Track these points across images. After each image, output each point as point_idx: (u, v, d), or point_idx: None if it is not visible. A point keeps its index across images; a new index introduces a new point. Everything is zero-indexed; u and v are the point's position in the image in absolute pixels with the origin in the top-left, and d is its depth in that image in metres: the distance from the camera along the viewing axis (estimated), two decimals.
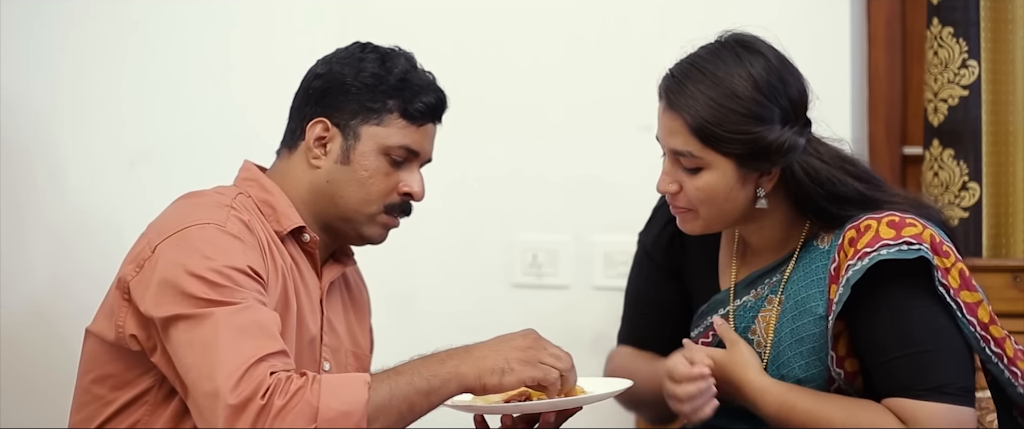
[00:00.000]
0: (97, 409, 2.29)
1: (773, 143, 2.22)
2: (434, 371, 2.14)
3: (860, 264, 2.21)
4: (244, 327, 2.11)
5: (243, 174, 2.42)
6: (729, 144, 2.22)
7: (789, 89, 2.26)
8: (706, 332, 2.43)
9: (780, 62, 2.27)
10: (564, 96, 3.48)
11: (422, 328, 3.40)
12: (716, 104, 2.21)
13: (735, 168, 2.24)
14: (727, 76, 2.23)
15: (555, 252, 3.51)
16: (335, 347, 2.43)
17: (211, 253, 2.17)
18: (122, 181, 3.06)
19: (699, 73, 2.24)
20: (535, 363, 2.17)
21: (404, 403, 2.12)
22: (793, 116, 2.25)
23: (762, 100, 2.22)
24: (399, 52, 2.40)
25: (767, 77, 2.23)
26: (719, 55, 2.26)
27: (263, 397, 2.04)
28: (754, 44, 2.28)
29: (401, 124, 2.36)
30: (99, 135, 3.03)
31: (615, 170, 3.44)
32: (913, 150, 3.39)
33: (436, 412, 2.21)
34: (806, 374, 2.29)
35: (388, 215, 2.39)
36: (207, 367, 2.08)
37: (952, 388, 2.20)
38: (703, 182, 2.26)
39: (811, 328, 2.29)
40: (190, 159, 3.14)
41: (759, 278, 2.37)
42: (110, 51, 3.06)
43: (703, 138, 2.23)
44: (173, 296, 2.15)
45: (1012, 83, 3.19)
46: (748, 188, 2.27)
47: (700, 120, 2.22)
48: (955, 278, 2.23)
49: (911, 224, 2.23)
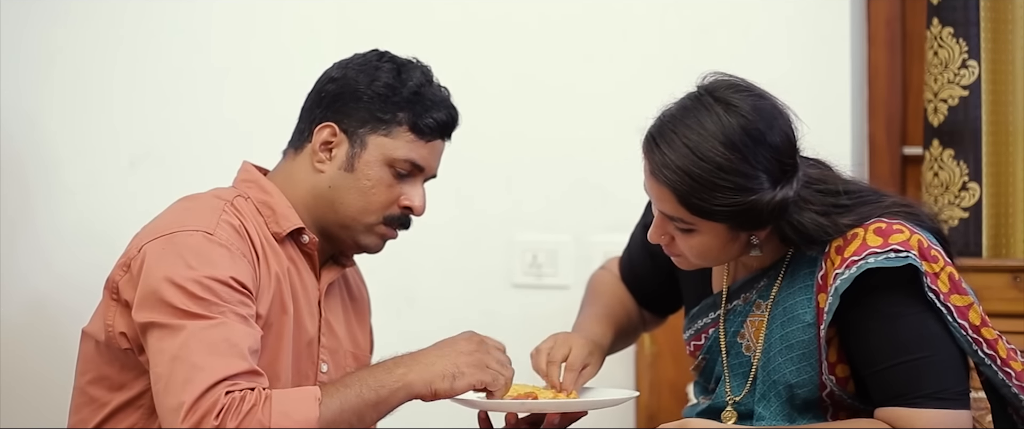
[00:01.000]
0: (93, 411, 2.30)
1: (764, 208, 2.18)
2: (381, 381, 2.17)
3: (848, 273, 2.20)
4: (213, 344, 2.12)
5: (242, 175, 2.42)
6: (719, 215, 2.19)
7: (774, 146, 2.18)
8: (698, 334, 2.43)
9: (759, 113, 2.18)
10: (564, 96, 3.48)
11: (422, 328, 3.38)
12: (702, 178, 2.15)
13: (727, 229, 2.22)
14: (709, 147, 2.15)
15: (555, 252, 3.51)
16: (333, 348, 2.43)
17: (194, 262, 2.18)
18: (121, 182, 3.07)
19: (680, 142, 2.17)
20: (483, 367, 2.21)
21: (354, 415, 2.15)
22: (780, 172, 2.20)
23: (747, 170, 2.16)
24: (416, 65, 2.39)
25: (747, 139, 2.16)
26: (698, 118, 2.18)
27: (216, 418, 2.06)
28: (730, 98, 2.19)
29: (409, 138, 2.36)
30: (98, 136, 3.03)
31: (615, 170, 3.43)
32: (913, 150, 3.39)
33: (439, 410, 2.22)
34: (797, 379, 2.29)
35: (386, 227, 2.39)
36: (172, 381, 2.10)
37: (947, 393, 2.20)
38: (696, 242, 2.24)
39: (800, 335, 2.28)
40: (189, 160, 3.15)
41: (748, 283, 2.37)
42: (110, 52, 3.06)
43: (693, 210, 2.19)
44: (152, 303, 2.16)
45: (1012, 83, 3.18)
46: (742, 238, 2.25)
47: (685, 194, 2.17)
48: (945, 282, 2.22)
49: (898, 231, 2.22)
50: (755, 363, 2.34)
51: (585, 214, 3.48)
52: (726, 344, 2.38)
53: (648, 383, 3.37)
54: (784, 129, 2.21)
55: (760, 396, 2.32)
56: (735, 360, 2.37)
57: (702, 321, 2.42)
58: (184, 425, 2.06)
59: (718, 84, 2.22)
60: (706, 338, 2.40)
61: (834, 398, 2.29)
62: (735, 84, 2.22)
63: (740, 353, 2.36)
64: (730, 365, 2.37)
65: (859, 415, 2.29)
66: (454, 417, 2.46)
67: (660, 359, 3.35)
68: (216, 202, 2.30)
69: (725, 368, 2.37)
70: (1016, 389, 2.25)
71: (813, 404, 2.30)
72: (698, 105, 2.20)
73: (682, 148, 2.17)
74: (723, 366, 2.38)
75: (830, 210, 2.24)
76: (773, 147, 2.18)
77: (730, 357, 2.37)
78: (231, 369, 2.10)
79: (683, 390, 3.31)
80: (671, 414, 3.37)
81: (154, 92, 3.13)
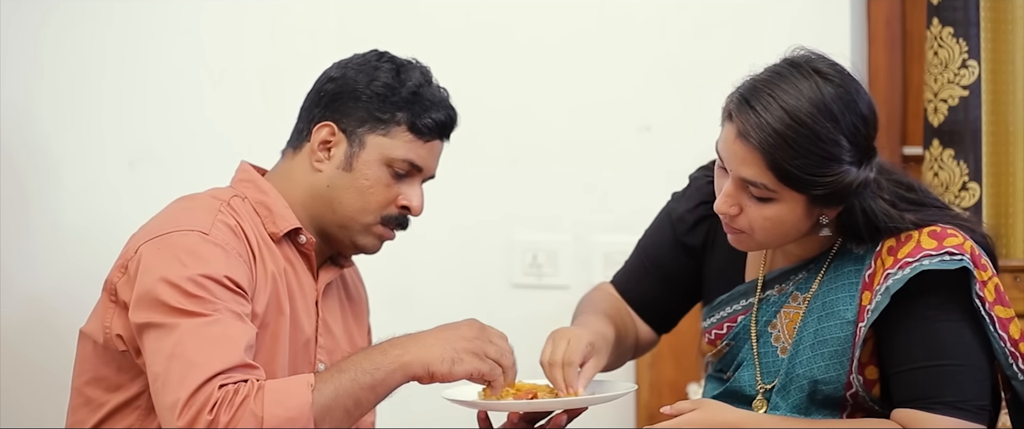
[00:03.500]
0: (90, 411, 2.30)
1: (850, 185, 2.16)
2: (377, 363, 2.16)
3: (901, 274, 2.19)
4: (209, 340, 2.12)
5: (240, 176, 2.42)
6: (808, 186, 2.15)
7: (863, 118, 2.17)
8: (720, 323, 2.41)
9: (852, 87, 2.18)
10: (564, 96, 3.48)
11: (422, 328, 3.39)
12: (796, 143, 2.12)
13: (807, 203, 2.19)
14: (807, 112, 2.12)
15: (555, 252, 3.51)
16: (331, 348, 2.43)
17: (189, 261, 2.17)
18: (121, 182, 3.06)
19: (776, 105, 2.13)
20: (482, 356, 2.19)
21: (350, 400, 2.14)
22: (866, 148, 2.18)
23: (840, 140, 2.13)
24: (415, 65, 2.39)
25: (843, 108, 2.14)
26: (795, 83, 2.15)
27: (210, 412, 2.06)
28: (822, 68, 2.17)
29: (408, 138, 2.36)
30: (98, 136, 3.03)
31: (615, 170, 3.44)
32: (913, 150, 3.39)
33: (438, 410, 2.21)
34: (824, 375, 2.28)
35: (384, 226, 2.39)
36: (169, 379, 2.10)
37: (967, 404, 2.19)
38: (772, 213, 2.20)
39: (836, 331, 2.27)
40: (189, 160, 3.14)
41: (787, 274, 2.35)
42: (109, 52, 3.06)
43: (781, 176, 2.15)
44: (148, 303, 2.16)
45: (1012, 83, 3.18)
46: (812, 217, 2.23)
47: (779, 160, 2.13)
48: (991, 292, 2.22)
49: (952, 235, 2.21)
50: (783, 355, 2.33)
51: (585, 214, 3.48)
52: (756, 333, 2.37)
53: (648, 383, 3.37)
54: (870, 103, 2.20)
55: (780, 387, 2.32)
56: (762, 349, 2.36)
57: (730, 309, 2.40)
58: (180, 422, 2.06)
59: (809, 56, 2.20)
60: (733, 325, 2.38)
61: (857, 399, 2.29)
62: (824, 57, 2.20)
63: (768, 342, 2.35)
64: (758, 354, 2.36)
65: (876, 416, 2.28)
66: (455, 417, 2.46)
67: (660, 359, 3.34)
68: (212, 202, 2.30)
69: (755, 356, 2.36)
70: None
71: (833, 402, 2.30)
72: (793, 72, 2.17)
73: (778, 110, 2.13)
74: (753, 354, 2.36)
75: (898, 202, 2.24)
76: (863, 119, 2.17)
77: (759, 345, 2.36)
78: (226, 363, 2.10)
79: (683, 390, 3.31)
80: None
81: (153, 92, 3.13)
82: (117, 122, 3.07)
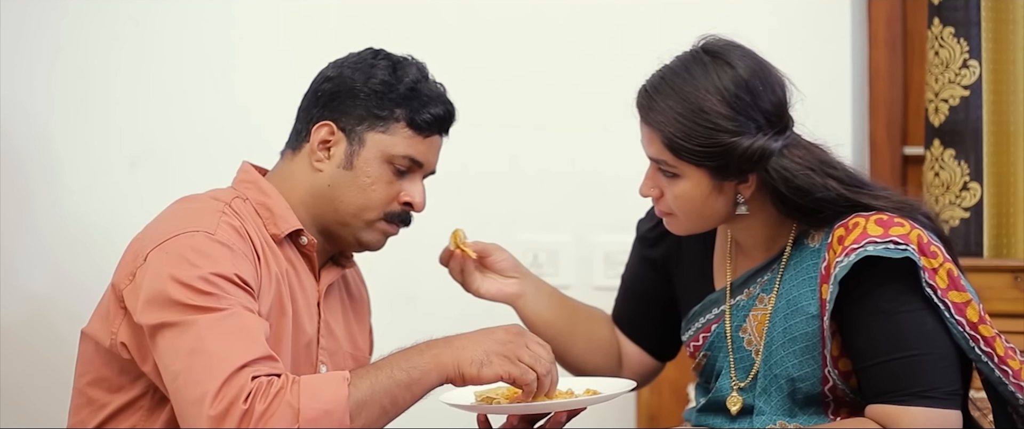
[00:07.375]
0: (92, 412, 2.30)
1: (743, 153, 2.24)
2: (413, 363, 2.16)
3: (847, 260, 2.22)
4: (229, 333, 2.11)
5: (241, 176, 2.41)
6: (698, 156, 2.25)
7: (760, 99, 2.26)
8: (697, 334, 2.44)
9: (750, 71, 2.28)
10: (565, 96, 3.48)
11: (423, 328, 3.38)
12: (684, 119, 2.25)
13: (709, 177, 2.28)
14: (694, 91, 2.25)
15: (555, 252, 3.51)
16: (332, 350, 2.43)
17: (198, 261, 2.17)
18: (122, 182, 3.06)
19: (669, 88, 2.28)
20: (514, 360, 2.18)
21: (386, 397, 2.13)
22: (767, 123, 2.26)
23: (730, 114, 2.24)
24: (411, 61, 2.39)
25: (734, 90, 2.25)
26: (689, 68, 2.29)
27: (245, 402, 2.05)
28: (724, 53, 2.29)
29: (407, 134, 2.36)
30: (99, 136, 3.03)
31: (615, 170, 3.43)
32: (914, 150, 3.39)
33: (438, 412, 2.21)
34: (799, 373, 2.30)
35: (387, 223, 2.39)
36: (192, 374, 2.09)
37: (937, 392, 2.21)
38: (680, 189, 2.29)
39: (803, 327, 2.30)
40: (190, 160, 3.15)
41: (751, 277, 2.38)
42: (110, 52, 3.06)
43: (674, 150, 2.26)
44: (160, 304, 2.15)
45: (1013, 83, 3.19)
46: (727, 194, 2.30)
47: (669, 135, 2.26)
48: (943, 278, 2.23)
49: (899, 224, 2.24)
50: (756, 358, 2.35)
51: (585, 214, 3.48)
52: (731, 339, 2.38)
53: None
54: (775, 92, 2.29)
55: (761, 390, 2.33)
56: (737, 354, 2.38)
57: (703, 319, 2.43)
58: (211, 411, 2.04)
59: (714, 42, 2.32)
60: (708, 335, 2.41)
61: (836, 393, 2.30)
62: (731, 44, 2.32)
63: (742, 347, 2.38)
64: (733, 359, 2.38)
65: (861, 411, 2.29)
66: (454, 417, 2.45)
67: None
68: (215, 204, 2.30)
69: (730, 362, 2.38)
70: (1013, 387, 2.25)
71: (814, 399, 2.31)
72: (690, 58, 2.31)
73: (669, 91, 2.28)
74: (729, 359, 2.39)
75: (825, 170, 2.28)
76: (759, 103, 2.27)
77: (733, 350, 2.38)
78: (251, 355, 2.09)
79: (683, 390, 3.31)
80: (671, 414, 3.38)
81: (155, 91, 3.13)
82: (118, 121, 3.07)
